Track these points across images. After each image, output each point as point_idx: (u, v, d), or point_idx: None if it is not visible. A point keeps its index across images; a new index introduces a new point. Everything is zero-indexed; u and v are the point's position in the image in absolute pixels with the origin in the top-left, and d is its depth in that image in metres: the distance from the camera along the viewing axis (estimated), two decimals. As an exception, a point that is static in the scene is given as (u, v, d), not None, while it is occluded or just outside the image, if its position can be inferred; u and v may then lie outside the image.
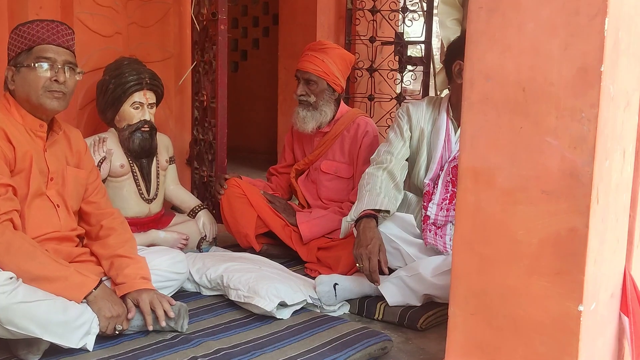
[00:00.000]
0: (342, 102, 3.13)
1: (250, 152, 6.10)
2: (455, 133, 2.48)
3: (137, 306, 2.03)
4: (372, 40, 4.30)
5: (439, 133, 2.50)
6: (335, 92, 3.02)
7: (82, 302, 1.90)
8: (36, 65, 2.01)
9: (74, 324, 1.84)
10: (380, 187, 2.45)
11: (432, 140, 2.53)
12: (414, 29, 4.58)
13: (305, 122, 2.98)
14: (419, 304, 2.33)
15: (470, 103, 1.55)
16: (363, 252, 2.26)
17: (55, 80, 2.02)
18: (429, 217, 2.47)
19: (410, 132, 2.58)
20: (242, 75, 6.70)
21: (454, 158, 2.44)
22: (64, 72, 2.04)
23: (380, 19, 4.32)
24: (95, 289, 1.93)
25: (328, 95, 2.99)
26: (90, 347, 1.89)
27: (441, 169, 2.48)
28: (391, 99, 4.37)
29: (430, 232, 2.47)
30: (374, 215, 2.37)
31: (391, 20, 4.31)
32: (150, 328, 2.02)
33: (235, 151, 4.91)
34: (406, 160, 2.59)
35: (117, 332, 1.97)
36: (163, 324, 2.02)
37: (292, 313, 2.26)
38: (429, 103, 2.61)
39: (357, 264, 2.29)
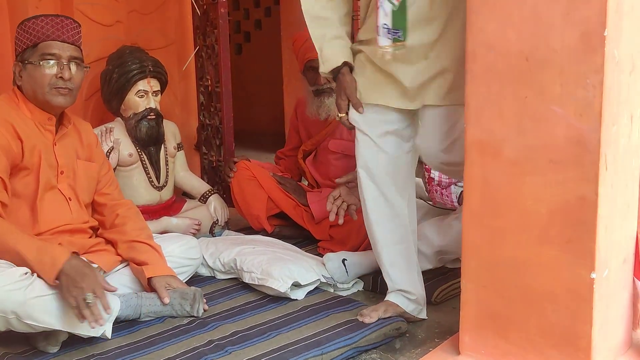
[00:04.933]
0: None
1: (258, 135, 6.09)
2: None
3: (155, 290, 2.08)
4: (374, 14, 4.25)
5: None
6: None
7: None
8: (41, 62, 2.01)
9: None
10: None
11: None
12: None
13: (332, 108, 2.96)
14: (431, 266, 2.37)
15: (473, 75, 1.54)
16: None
17: (60, 77, 2.02)
18: (433, 178, 2.60)
19: None
20: (246, 57, 6.67)
21: None
22: (69, 69, 2.04)
23: (382, -7, 4.26)
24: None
25: None
26: (108, 334, 1.90)
27: None
28: (396, 72, 4.33)
29: (436, 192, 2.62)
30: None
31: (393, -7, 4.25)
32: (167, 301, 2.06)
33: (243, 134, 4.91)
34: None
35: (89, 302, 1.76)
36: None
37: (307, 294, 2.27)
38: None
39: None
